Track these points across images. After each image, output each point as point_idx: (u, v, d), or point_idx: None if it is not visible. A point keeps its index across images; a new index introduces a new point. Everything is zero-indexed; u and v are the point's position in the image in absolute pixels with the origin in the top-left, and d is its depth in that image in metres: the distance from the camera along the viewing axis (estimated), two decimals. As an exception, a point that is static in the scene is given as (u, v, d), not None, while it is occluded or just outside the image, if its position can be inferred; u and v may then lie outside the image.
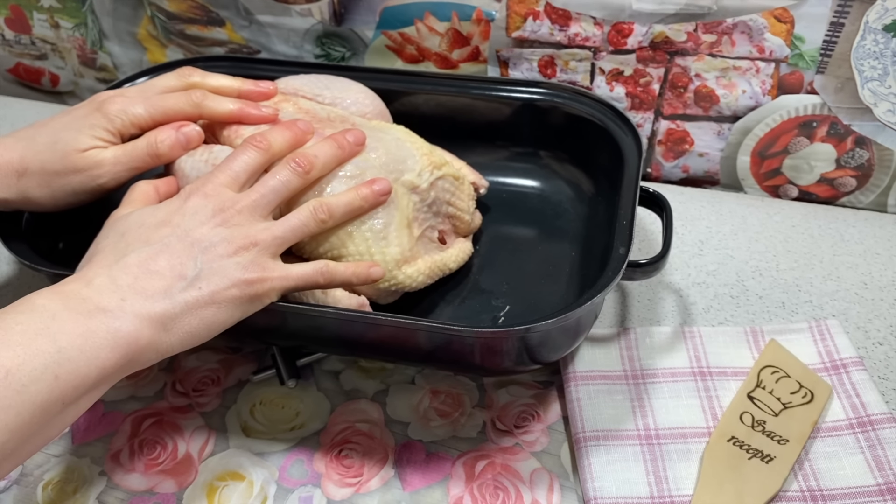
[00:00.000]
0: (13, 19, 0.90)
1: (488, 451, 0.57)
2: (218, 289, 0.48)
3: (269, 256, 0.51)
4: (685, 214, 0.75)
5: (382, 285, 0.56)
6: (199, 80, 0.61)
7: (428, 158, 0.60)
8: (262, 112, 0.59)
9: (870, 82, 0.68)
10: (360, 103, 0.66)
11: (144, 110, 0.58)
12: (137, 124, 0.58)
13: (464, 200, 0.63)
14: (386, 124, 0.63)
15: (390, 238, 0.56)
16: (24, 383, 0.40)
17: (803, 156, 0.75)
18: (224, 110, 0.59)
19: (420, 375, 0.62)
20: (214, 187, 0.51)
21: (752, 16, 0.68)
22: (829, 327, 0.62)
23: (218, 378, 0.62)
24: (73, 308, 0.44)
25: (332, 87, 0.66)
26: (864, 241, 0.72)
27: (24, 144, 0.57)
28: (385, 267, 0.55)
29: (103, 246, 0.50)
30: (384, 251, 0.56)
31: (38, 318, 0.42)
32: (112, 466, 0.57)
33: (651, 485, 0.53)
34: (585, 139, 0.68)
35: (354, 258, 0.55)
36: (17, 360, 0.40)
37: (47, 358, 0.41)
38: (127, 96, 0.58)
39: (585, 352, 0.61)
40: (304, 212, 0.53)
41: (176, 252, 0.48)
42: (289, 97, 0.63)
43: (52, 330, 0.42)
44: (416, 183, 0.58)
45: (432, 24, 0.76)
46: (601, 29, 0.72)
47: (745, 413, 0.56)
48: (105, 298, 0.45)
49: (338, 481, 0.55)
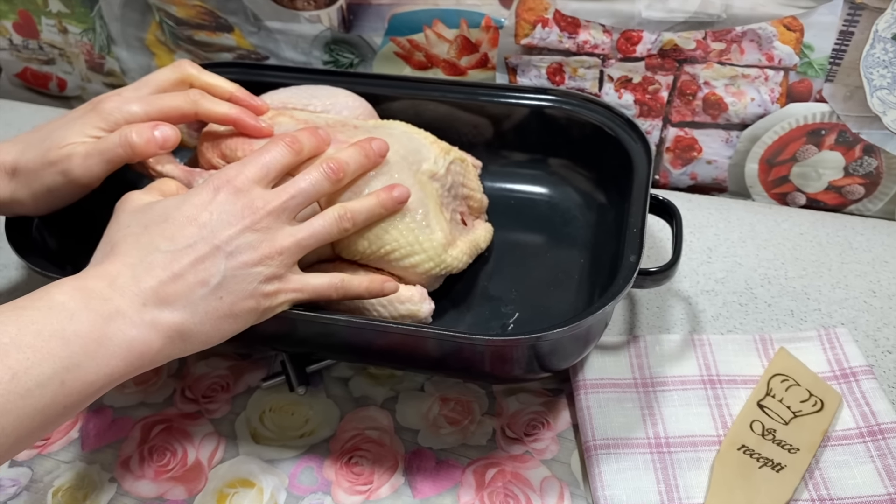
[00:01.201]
0: (21, 24, 0.90)
1: (498, 458, 0.56)
2: (237, 299, 0.48)
3: (290, 265, 0.50)
4: (693, 222, 0.75)
5: (434, 271, 0.57)
6: (195, 73, 0.60)
7: (438, 146, 0.61)
8: (258, 123, 0.58)
9: (879, 91, 0.68)
10: (351, 107, 0.66)
11: (140, 108, 0.56)
12: (132, 122, 0.56)
13: (473, 180, 0.65)
14: (387, 121, 0.64)
15: (433, 225, 0.57)
16: (28, 388, 0.40)
17: (811, 164, 0.75)
18: (220, 112, 0.58)
19: (429, 382, 0.62)
20: (245, 182, 0.50)
21: (761, 24, 0.68)
22: (839, 335, 0.62)
23: (227, 385, 0.62)
24: (94, 308, 0.43)
25: (318, 96, 0.66)
26: (872, 248, 0.72)
27: (19, 147, 0.56)
28: (434, 252, 0.56)
29: (126, 236, 0.48)
30: (431, 238, 0.56)
31: (55, 319, 0.42)
32: (122, 473, 0.57)
33: (661, 493, 0.53)
34: (594, 146, 0.68)
35: (404, 250, 0.55)
36: (25, 363, 0.40)
37: (57, 363, 0.41)
38: (123, 96, 0.57)
39: (595, 360, 0.61)
40: (329, 217, 0.52)
41: (201, 256, 0.47)
42: (282, 110, 0.62)
43: (67, 332, 0.42)
44: (434, 170, 0.59)
45: (441, 30, 0.76)
46: (610, 36, 0.72)
47: (756, 421, 0.56)
48: (126, 301, 0.44)
49: (348, 489, 0.55)
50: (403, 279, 0.57)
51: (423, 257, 0.56)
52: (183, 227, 0.48)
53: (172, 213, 0.49)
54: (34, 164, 0.55)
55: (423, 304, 0.56)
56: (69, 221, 0.61)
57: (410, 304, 0.55)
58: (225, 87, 0.60)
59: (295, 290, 0.51)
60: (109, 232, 0.50)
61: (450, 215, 0.61)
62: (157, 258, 0.46)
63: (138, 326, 0.44)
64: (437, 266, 0.57)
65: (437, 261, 0.57)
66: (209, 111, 0.58)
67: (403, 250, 0.55)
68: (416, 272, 0.56)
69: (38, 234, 0.61)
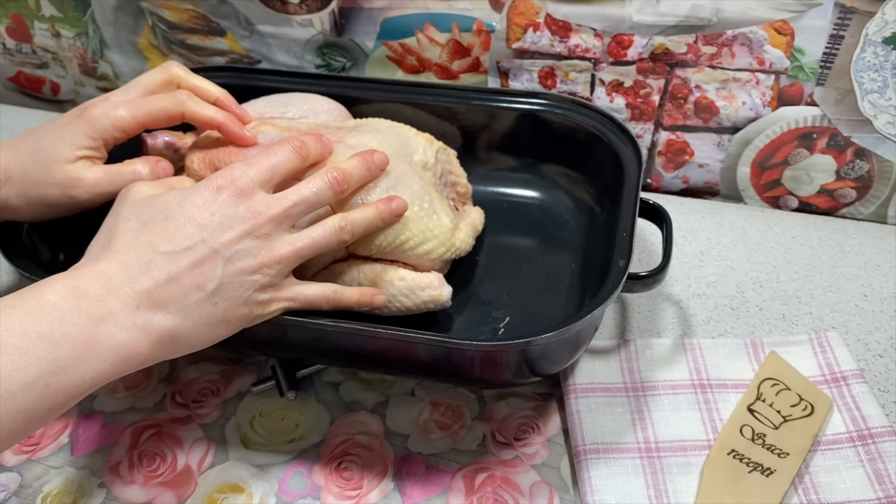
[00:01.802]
0: (14, 28, 0.90)
1: (488, 463, 0.56)
2: (231, 306, 0.47)
3: (285, 274, 0.50)
4: (685, 225, 0.75)
5: (446, 255, 0.58)
6: (182, 75, 0.60)
7: (423, 137, 0.62)
8: (243, 131, 0.57)
9: (870, 94, 0.68)
10: (327, 110, 0.66)
11: (128, 113, 0.56)
12: (121, 127, 0.56)
13: (458, 167, 0.66)
14: (369, 119, 0.64)
15: (439, 212, 0.57)
16: (12, 391, 0.39)
17: (803, 167, 0.75)
18: (206, 115, 0.57)
19: (420, 387, 0.62)
20: (248, 184, 0.49)
21: (752, 28, 0.68)
22: (830, 339, 0.62)
23: (217, 389, 0.62)
24: (85, 310, 0.43)
25: (293, 103, 0.66)
26: (864, 252, 0.72)
27: (8, 153, 0.56)
28: (445, 237, 0.57)
29: (124, 230, 0.47)
30: (440, 224, 0.57)
31: (44, 320, 0.41)
32: (111, 478, 0.57)
33: (651, 498, 0.53)
34: (586, 150, 0.68)
35: (417, 238, 0.56)
36: (10, 365, 0.39)
37: (43, 366, 0.40)
38: (109, 101, 0.57)
39: (585, 364, 0.61)
40: (329, 228, 0.51)
41: (199, 259, 0.46)
42: (264, 120, 0.62)
43: (56, 335, 0.41)
44: (425, 160, 0.60)
45: (433, 34, 0.76)
46: (601, 40, 0.72)
47: (746, 426, 0.56)
48: (119, 303, 0.44)
49: (337, 494, 0.55)
50: (417, 267, 0.57)
51: (435, 243, 0.57)
52: (182, 227, 0.47)
53: (174, 210, 0.48)
54: (34, 176, 0.55)
55: (442, 288, 0.57)
56: (60, 226, 0.61)
57: (431, 289, 0.56)
58: (211, 91, 0.60)
59: (288, 298, 0.51)
60: (108, 222, 0.49)
61: (447, 202, 0.61)
62: (155, 259, 0.46)
63: (129, 330, 0.44)
64: (448, 250, 0.58)
65: (447, 245, 0.57)
66: (195, 113, 0.57)
67: (416, 238, 0.56)
68: (430, 258, 0.57)
69: (29, 238, 0.62)
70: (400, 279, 0.56)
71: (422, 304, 0.56)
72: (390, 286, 0.56)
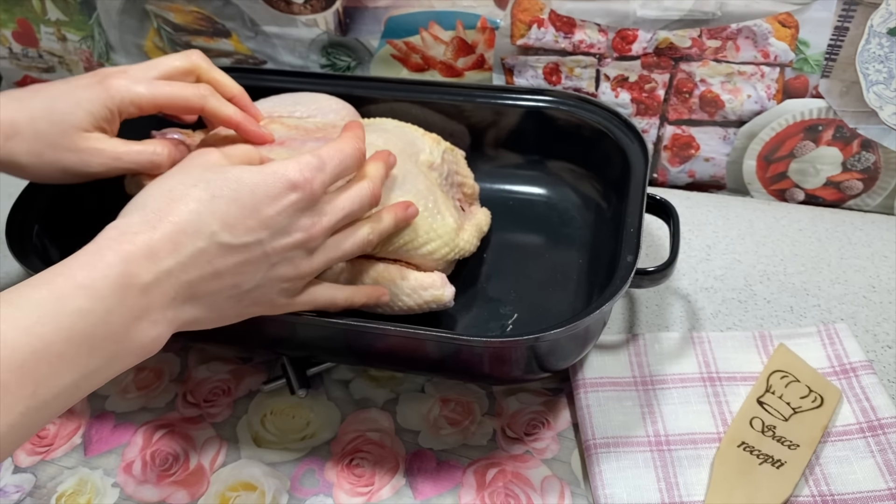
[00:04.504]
0: (20, 32, 0.91)
1: (499, 458, 0.57)
2: (253, 304, 0.48)
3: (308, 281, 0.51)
4: (692, 219, 0.75)
5: (450, 256, 0.58)
6: (205, 66, 0.58)
7: (429, 137, 0.62)
8: (260, 130, 0.57)
9: (875, 86, 0.68)
10: (335, 110, 0.66)
11: (147, 91, 0.54)
12: (138, 104, 0.54)
13: (464, 168, 0.66)
14: (376, 119, 0.64)
15: (444, 212, 0.58)
16: (46, 400, 0.38)
17: (809, 159, 0.75)
18: (226, 113, 0.56)
19: (430, 384, 0.62)
20: (320, 188, 0.48)
21: (756, 21, 0.68)
22: (838, 331, 0.62)
23: (228, 388, 0.62)
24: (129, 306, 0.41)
25: (301, 102, 0.66)
26: (871, 243, 0.71)
27: (15, 105, 0.53)
28: (449, 237, 0.57)
29: (188, 196, 0.44)
30: (444, 224, 0.57)
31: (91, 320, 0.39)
32: (125, 478, 0.57)
33: (662, 491, 0.53)
34: (591, 146, 0.68)
35: (421, 238, 0.56)
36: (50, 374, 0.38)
37: (78, 372, 0.39)
38: (130, 75, 0.55)
39: (594, 359, 0.61)
40: (359, 241, 0.52)
41: (250, 260, 0.46)
42: (272, 118, 0.62)
43: (97, 337, 0.39)
44: (431, 160, 0.61)
45: (437, 32, 0.76)
46: (606, 36, 0.72)
47: (755, 418, 0.56)
48: (159, 293, 0.42)
49: (349, 490, 0.55)
50: (421, 267, 0.58)
51: (438, 243, 0.57)
52: (247, 218, 0.45)
53: (244, 192, 0.45)
54: (51, 139, 0.53)
55: (445, 288, 0.57)
56: (70, 227, 0.61)
57: (434, 289, 0.56)
58: (231, 87, 0.59)
59: (302, 303, 0.51)
60: (173, 181, 0.46)
61: (452, 203, 0.61)
62: (210, 248, 0.44)
63: (159, 325, 0.43)
64: (452, 251, 0.58)
65: (451, 245, 0.58)
66: (215, 110, 0.56)
67: (420, 238, 0.56)
68: (434, 258, 0.57)
69: (39, 240, 0.62)
70: (403, 278, 0.56)
71: (424, 303, 0.57)
72: (393, 285, 0.56)
